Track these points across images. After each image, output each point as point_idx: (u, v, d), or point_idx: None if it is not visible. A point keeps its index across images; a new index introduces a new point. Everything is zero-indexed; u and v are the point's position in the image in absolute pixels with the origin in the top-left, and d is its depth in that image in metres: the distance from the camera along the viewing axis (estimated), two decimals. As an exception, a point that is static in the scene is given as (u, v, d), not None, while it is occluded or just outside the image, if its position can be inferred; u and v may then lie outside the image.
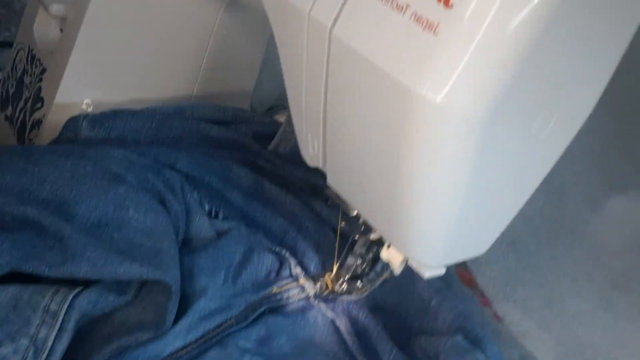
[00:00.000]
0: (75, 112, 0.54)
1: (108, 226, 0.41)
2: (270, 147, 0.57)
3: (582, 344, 0.65)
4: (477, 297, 0.65)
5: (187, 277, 0.43)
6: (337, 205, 0.47)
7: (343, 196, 0.43)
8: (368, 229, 0.46)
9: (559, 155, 0.38)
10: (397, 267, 0.42)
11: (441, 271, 0.40)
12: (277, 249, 0.49)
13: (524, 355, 0.54)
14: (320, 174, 0.56)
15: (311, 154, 0.43)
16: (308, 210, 0.53)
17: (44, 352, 0.36)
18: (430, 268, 0.39)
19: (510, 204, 0.39)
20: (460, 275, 0.65)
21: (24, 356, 0.35)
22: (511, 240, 0.76)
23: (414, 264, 0.40)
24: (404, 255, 0.41)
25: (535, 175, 0.39)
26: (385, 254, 0.43)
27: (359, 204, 0.41)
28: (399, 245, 0.39)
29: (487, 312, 0.64)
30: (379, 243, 0.46)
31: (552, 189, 0.85)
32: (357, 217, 0.45)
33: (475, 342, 0.41)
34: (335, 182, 0.43)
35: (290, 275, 0.48)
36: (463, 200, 0.34)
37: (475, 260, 0.73)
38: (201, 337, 0.41)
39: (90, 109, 0.56)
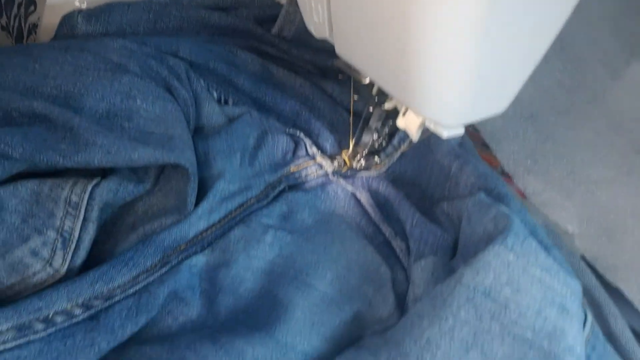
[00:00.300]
0: (69, 11, 0.51)
1: (117, 116, 0.40)
2: (274, 30, 0.55)
3: (605, 209, 0.64)
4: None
5: (203, 162, 0.43)
6: (348, 81, 0.46)
7: (353, 64, 0.41)
8: (381, 99, 0.45)
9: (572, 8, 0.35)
10: (414, 133, 0.41)
11: (460, 131, 0.38)
12: (291, 130, 0.48)
13: (547, 223, 0.54)
14: (328, 55, 0.54)
15: (316, 22, 0.41)
16: (319, 91, 0.52)
17: (72, 243, 0.36)
18: (449, 127, 0.38)
19: (526, 58, 0.37)
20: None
21: (53, 247, 0.36)
22: (530, 114, 0.74)
23: (431, 126, 0.39)
24: (421, 118, 0.39)
25: (552, 26, 0.36)
26: (401, 121, 0.42)
27: (371, 69, 0.40)
28: (415, 107, 0.38)
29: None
30: (394, 115, 0.45)
31: (570, 58, 0.82)
32: (370, 85, 0.43)
33: (499, 198, 0.41)
34: (344, 49, 0.41)
35: (307, 154, 0.48)
36: (478, 51, 0.32)
37: (494, 136, 0.72)
38: (224, 218, 0.41)
39: (84, 6, 0.53)
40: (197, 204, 0.40)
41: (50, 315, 0.33)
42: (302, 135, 0.48)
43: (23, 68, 0.40)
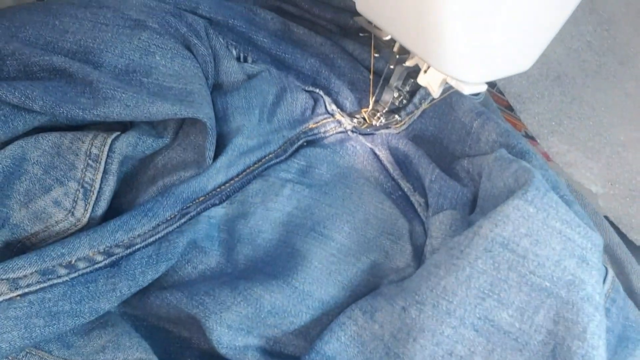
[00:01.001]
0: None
1: (136, 72, 0.40)
2: (295, -12, 0.54)
3: (631, 170, 0.63)
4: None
5: (221, 117, 0.43)
6: (368, 39, 0.45)
7: (374, 21, 0.40)
8: (402, 57, 0.44)
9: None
10: (436, 90, 0.40)
11: (483, 87, 0.38)
12: (310, 88, 0.48)
13: (571, 184, 0.54)
14: (349, 14, 0.53)
15: (337, -22, 0.40)
16: (339, 50, 0.51)
17: (92, 194, 0.37)
18: (470, 84, 0.37)
19: (553, 17, 0.36)
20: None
21: (74, 198, 0.37)
22: (557, 75, 0.72)
23: (453, 82, 0.38)
24: (442, 74, 0.39)
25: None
26: (422, 78, 0.41)
27: (392, 26, 0.39)
28: (437, 63, 0.37)
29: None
30: (415, 74, 0.44)
31: (600, 20, 0.79)
32: (391, 43, 0.42)
33: (520, 154, 0.40)
34: (365, 7, 0.40)
35: (326, 111, 0.47)
36: (502, 6, 0.31)
37: (519, 97, 0.70)
38: (242, 172, 0.41)
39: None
40: (216, 158, 0.40)
41: (73, 261, 0.34)
42: (321, 92, 0.48)
43: (43, 24, 0.41)
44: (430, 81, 0.40)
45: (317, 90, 0.48)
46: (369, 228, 0.41)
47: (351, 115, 0.48)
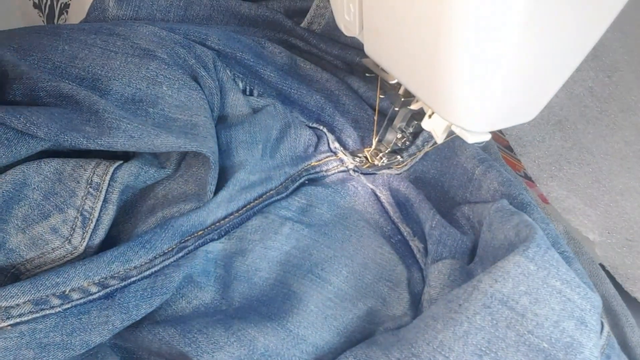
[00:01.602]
0: (101, -7, 0.52)
1: (143, 101, 0.40)
2: (304, 23, 0.55)
3: (629, 219, 0.63)
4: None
5: (225, 151, 0.43)
6: (374, 78, 0.46)
7: (381, 64, 0.41)
8: (408, 100, 0.44)
9: (613, 17, 0.34)
10: (440, 136, 0.40)
11: (486, 137, 0.38)
12: (314, 125, 0.48)
13: (569, 230, 0.54)
14: (356, 51, 0.53)
15: (347, 20, 0.40)
16: (345, 87, 0.51)
17: (91, 222, 0.37)
18: (475, 133, 0.38)
19: (561, 68, 0.36)
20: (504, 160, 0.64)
21: (72, 226, 0.36)
22: (558, 120, 0.73)
23: (457, 130, 0.38)
24: (447, 122, 0.39)
25: (590, 35, 0.36)
26: (427, 123, 0.41)
27: (399, 71, 0.39)
28: (442, 111, 0.38)
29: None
30: (419, 116, 0.44)
31: (603, 67, 0.80)
32: (397, 86, 0.43)
33: (521, 207, 0.40)
34: (373, 49, 0.40)
35: (329, 149, 0.47)
36: (511, 61, 0.32)
37: (520, 140, 0.71)
38: (243, 207, 0.41)
39: (116, -11, 0.54)
40: (217, 192, 0.40)
41: (67, 291, 0.33)
42: (325, 129, 0.48)
43: (52, 48, 0.41)
44: (435, 127, 0.40)
45: (321, 127, 0.48)
46: (367, 273, 0.41)
47: (353, 154, 0.48)
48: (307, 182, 0.45)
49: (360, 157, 0.48)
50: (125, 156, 0.41)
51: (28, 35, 0.41)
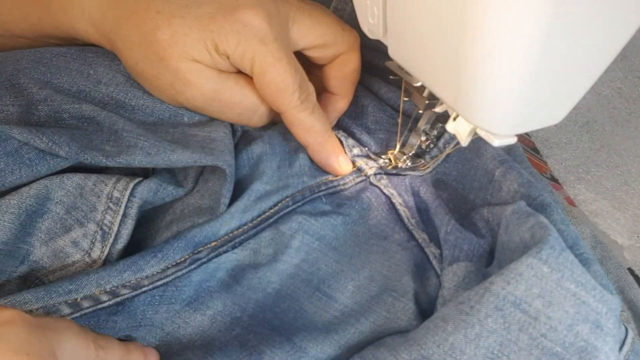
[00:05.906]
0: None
1: (163, 126, 0.42)
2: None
3: (659, 223, 0.62)
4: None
5: (243, 164, 0.43)
6: (398, 81, 0.45)
7: (405, 67, 0.41)
8: (432, 102, 0.44)
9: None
10: (464, 139, 0.40)
11: (512, 140, 0.38)
12: (334, 131, 0.48)
13: (596, 233, 0.53)
14: (377, 53, 0.53)
15: (371, 24, 0.40)
16: (363, 88, 0.51)
17: (110, 236, 0.38)
18: (500, 136, 0.37)
19: (589, 71, 0.36)
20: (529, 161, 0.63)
21: (92, 239, 0.38)
22: (585, 121, 0.72)
23: (482, 133, 0.38)
24: (472, 125, 0.39)
25: (619, 37, 0.35)
26: (451, 126, 0.41)
27: (424, 73, 0.39)
28: (467, 114, 0.37)
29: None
30: (443, 119, 0.44)
31: (632, 67, 0.79)
32: (421, 88, 0.43)
33: (541, 208, 0.39)
34: (397, 52, 0.40)
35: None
36: (539, 62, 0.31)
37: (547, 141, 0.70)
38: (257, 217, 0.41)
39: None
40: (232, 203, 0.41)
41: (79, 299, 0.34)
42: (342, 137, 0.48)
43: (78, 72, 0.42)
44: (459, 130, 0.40)
45: (339, 135, 0.48)
46: (373, 285, 0.41)
47: (377, 155, 0.48)
48: (323, 197, 0.45)
49: (384, 159, 0.47)
50: (145, 172, 0.42)
51: (55, 59, 0.42)
